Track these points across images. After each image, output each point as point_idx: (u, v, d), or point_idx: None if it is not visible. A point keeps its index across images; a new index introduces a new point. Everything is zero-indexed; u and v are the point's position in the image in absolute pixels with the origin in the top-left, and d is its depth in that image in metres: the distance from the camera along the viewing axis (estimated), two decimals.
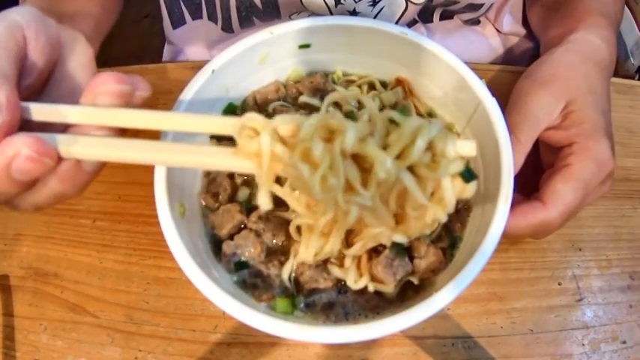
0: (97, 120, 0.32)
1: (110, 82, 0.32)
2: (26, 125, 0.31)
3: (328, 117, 0.32)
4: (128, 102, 0.33)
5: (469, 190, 0.33)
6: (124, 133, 0.34)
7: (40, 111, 0.32)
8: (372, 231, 0.36)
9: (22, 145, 0.29)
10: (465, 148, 0.33)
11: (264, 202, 0.33)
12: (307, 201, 0.35)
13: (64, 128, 0.33)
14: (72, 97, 0.34)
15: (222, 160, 0.33)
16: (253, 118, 0.32)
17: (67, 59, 0.36)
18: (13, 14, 0.33)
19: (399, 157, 0.31)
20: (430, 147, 0.32)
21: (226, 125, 0.33)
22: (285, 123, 0.32)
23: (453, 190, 0.32)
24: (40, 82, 0.35)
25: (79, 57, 0.37)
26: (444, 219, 0.34)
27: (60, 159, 0.31)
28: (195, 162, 0.33)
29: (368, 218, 0.34)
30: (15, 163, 0.29)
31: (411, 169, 0.32)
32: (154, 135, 0.34)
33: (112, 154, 0.32)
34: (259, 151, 0.32)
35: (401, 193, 0.32)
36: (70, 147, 0.31)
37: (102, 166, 0.34)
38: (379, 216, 0.33)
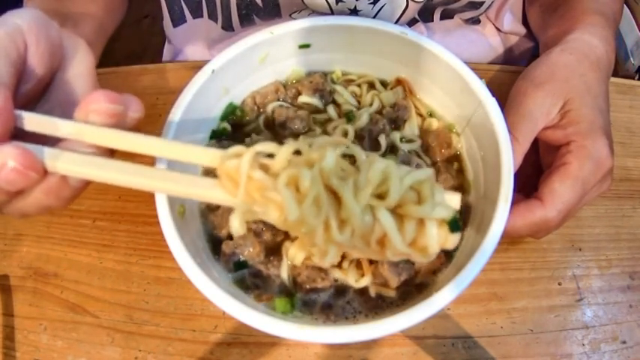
0: (87, 137, 0.32)
1: (102, 100, 0.32)
2: (18, 133, 0.31)
3: (308, 149, 0.31)
4: (120, 121, 0.33)
5: (452, 241, 0.32)
6: (112, 153, 0.34)
7: (33, 121, 0.32)
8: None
9: (8, 157, 0.29)
10: (451, 199, 0.33)
11: (235, 227, 0.32)
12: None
13: (55, 141, 0.33)
14: (69, 106, 0.34)
15: (203, 191, 0.33)
16: (236, 148, 0.32)
17: (67, 67, 0.36)
18: (15, 18, 0.33)
19: (381, 197, 0.31)
20: (417, 191, 0.31)
21: (210, 156, 0.33)
22: (265, 145, 0.32)
23: (437, 238, 0.31)
24: (39, 89, 0.35)
25: (80, 65, 0.37)
26: (424, 262, 0.33)
27: (46, 173, 0.31)
28: (176, 190, 0.33)
29: (353, 252, 0.33)
30: (1, 174, 0.29)
31: (395, 212, 0.31)
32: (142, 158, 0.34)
33: (97, 173, 0.32)
34: (237, 172, 0.31)
35: (382, 237, 0.31)
36: (57, 162, 0.31)
37: (88, 182, 0.33)
38: (362, 253, 0.33)
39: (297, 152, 0.32)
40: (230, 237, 0.42)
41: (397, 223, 0.31)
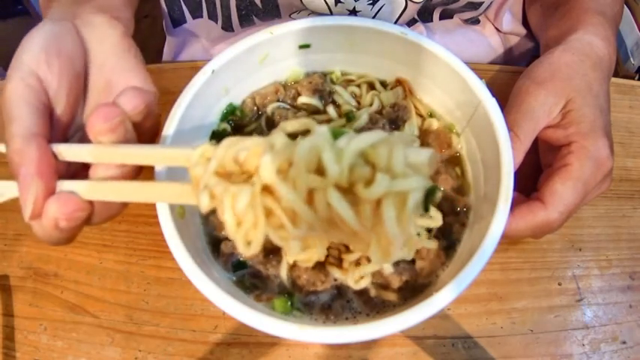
0: (104, 158, 0.33)
1: (99, 122, 0.32)
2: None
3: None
4: (127, 127, 0.33)
5: (435, 219, 0.30)
6: (139, 169, 0.35)
7: (64, 151, 0.33)
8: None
9: (56, 214, 0.31)
10: (418, 155, 0.26)
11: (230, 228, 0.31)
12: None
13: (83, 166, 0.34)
14: (110, 89, 0.35)
15: (172, 198, 0.34)
16: (206, 148, 0.32)
17: (95, 57, 0.37)
18: (24, 55, 0.34)
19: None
20: (372, 163, 0.26)
21: (180, 156, 0.33)
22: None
23: (396, 221, 0.25)
24: (76, 96, 0.36)
25: (105, 46, 0.37)
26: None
27: (91, 204, 0.33)
28: (149, 198, 0.35)
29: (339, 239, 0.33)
30: (59, 224, 0.32)
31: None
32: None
33: (113, 195, 0.34)
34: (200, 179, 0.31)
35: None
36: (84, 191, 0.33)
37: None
38: (345, 240, 0.31)
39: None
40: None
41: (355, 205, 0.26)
